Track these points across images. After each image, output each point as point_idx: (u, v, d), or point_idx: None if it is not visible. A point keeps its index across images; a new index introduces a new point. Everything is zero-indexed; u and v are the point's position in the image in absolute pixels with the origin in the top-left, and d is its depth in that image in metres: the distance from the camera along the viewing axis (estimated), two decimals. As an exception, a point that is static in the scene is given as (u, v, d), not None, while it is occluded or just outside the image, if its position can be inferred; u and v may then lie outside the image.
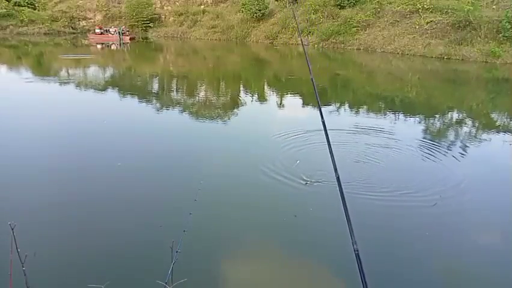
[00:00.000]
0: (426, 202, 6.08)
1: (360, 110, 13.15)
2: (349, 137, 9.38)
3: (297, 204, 6.13)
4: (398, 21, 28.76)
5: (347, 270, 4.28)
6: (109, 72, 23.28)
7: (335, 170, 1.87)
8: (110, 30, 41.51)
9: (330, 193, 6.56)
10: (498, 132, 10.65)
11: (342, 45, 30.46)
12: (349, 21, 30.43)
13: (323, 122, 2.15)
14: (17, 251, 2.83)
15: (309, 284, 4.38)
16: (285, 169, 7.39)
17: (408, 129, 10.61)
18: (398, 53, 26.81)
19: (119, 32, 40.69)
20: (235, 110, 13.18)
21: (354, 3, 31.84)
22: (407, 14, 28.64)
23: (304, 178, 6.69)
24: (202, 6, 44.36)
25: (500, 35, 22.95)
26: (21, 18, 43.32)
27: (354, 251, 1.46)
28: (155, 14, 45.16)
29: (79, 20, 47.62)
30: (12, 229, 2.71)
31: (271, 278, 4.47)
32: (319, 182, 6.64)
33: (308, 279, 4.45)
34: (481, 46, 23.53)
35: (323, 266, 4.56)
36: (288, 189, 6.56)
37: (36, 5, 46.04)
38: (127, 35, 41.17)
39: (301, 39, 2.99)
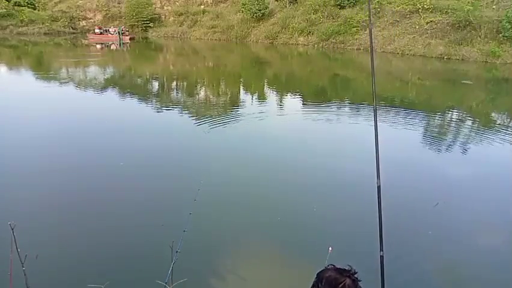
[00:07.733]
0: (428, 202, 6.08)
1: (359, 107, 13.13)
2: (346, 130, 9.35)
3: (297, 204, 6.12)
4: (398, 21, 28.75)
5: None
6: (109, 72, 23.25)
7: (378, 177, 1.76)
8: (110, 30, 41.47)
9: (334, 191, 6.57)
10: (498, 131, 10.64)
11: (342, 45, 30.44)
12: (349, 21, 30.42)
13: (376, 138, 2.04)
14: (17, 251, 2.82)
15: (309, 283, 4.37)
16: (285, 169, 7.39)
17: (407, 128, 10.60)
18: (398, 53, 26.79)
19: (118, 32, 40.67)
20: (234, 110, 13.16)
21: (354, 3, 31.82)
22: (407, 14, 28.63)
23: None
24: (202, 6, 44.34)
25: (500, 35, 22.95)
26: (21, 18, 43.26)
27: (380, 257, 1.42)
28: (155, 14, 45.11)
29: (79, 20, 47.57)
30: (12, 229, 2.70)
31: (271, 278, 4.46)
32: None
33: (308, 279, 4.43)
34: (481, 46, 23.54)
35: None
36: (288, 189, 6.57)
37: (36, 5, 46.00)
38: (127, 35, 41.14)
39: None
